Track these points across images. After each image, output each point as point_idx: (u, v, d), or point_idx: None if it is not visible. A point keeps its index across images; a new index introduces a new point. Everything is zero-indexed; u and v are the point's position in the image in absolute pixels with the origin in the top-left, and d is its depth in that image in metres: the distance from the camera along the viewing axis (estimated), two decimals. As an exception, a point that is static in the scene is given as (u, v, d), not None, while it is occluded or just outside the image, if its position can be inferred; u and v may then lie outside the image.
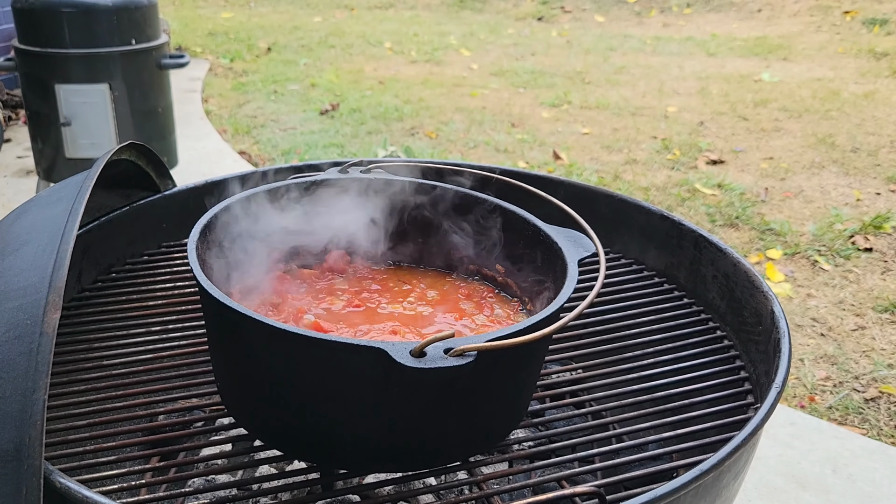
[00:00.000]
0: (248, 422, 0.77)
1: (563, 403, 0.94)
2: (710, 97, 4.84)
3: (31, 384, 0.59)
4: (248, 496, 0.76)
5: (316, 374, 0.67)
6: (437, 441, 0.74)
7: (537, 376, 0.86)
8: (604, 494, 0.73)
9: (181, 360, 0.97)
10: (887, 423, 1.89)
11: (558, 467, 0.91)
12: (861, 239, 2.85)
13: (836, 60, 5.64)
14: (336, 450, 0.73)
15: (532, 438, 0.86)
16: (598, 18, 7.52)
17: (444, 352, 0.60)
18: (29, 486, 0.57)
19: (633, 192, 3.33)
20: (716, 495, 0.74)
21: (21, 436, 0.58)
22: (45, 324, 0.63)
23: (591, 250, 0.84)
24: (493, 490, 0.78)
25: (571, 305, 0.73)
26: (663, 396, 0.92)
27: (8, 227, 0.82)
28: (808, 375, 2.07)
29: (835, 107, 4.51)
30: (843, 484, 1.55)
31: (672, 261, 1.20)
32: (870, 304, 2.43)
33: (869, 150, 3.80)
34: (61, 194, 0.82)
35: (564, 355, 1.04)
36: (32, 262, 0.69)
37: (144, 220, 1.23)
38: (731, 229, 2.99)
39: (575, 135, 4.19)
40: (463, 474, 0.96)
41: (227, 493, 0.89)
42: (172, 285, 1.14)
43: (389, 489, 0.86)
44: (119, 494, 0.73)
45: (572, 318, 0.69)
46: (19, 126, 3.99)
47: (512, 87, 5.19)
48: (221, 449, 1.00)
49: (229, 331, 0.72)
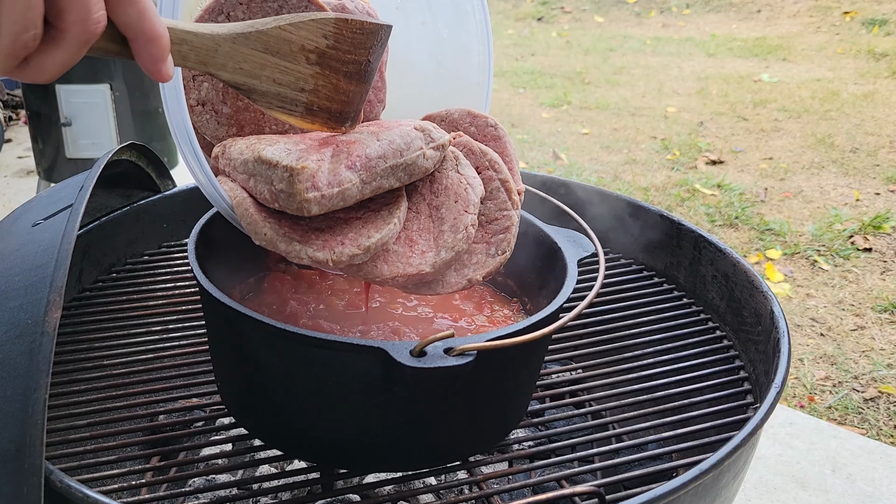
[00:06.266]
0: (249, 421, 0.77)
1: (562, 403, 0.94)
2: (710, 97, 4.85)
3: (31, 383, 0.60)
4: (249, 496, 0.76)
5: (316, 373, 0.68)
6: (437, 441, 0.74)
7: (537, 376, 0.86)
8: (603, 494, 0.73)
9: (181, 359, 0.97)
10: (886, 422, 1.89)
11: (558, 467, 0.91)
12: (860, 239, 2.85)
13: (836, 61, 5.64)
14: (336, 449, 0.73)
15: (532, 438, 0.86)
16: (598, 19, 7.52)
17: (444, 351, 0.60)
18: (29, 485, 0.57)
19: (632, 192, 3.33)
20: (715, 495, 0.74)
21: (22, 435, 0.58)
22: (45, 323, 0.63)
23: (591, 250, 0.84)
24: (492, 490, 0.78)
25: (571, 305, 0.73)
26: (663, 396, 0.92)
27: (8, 227, 0.82)
28: (808, 375, 2.07)
29: (834, 107, 4.52)
30: (843, 484, 1.55)
31: (672, 261, 1.20)
32: (869, 304, 2.44)
33: (868, 151, 3.80)
34: (62, 194, 0.82)
35: (564, 355, 1.04)
36: (33, 261, 0.69)
37: (145, 220, 1.23)
38: (731, 229, 2.99)
39: (574, 135, 4.19)
40: (463, 474, 0.96)
41: (228, 492, 0.89)
42: (173, 285, 1.15)
43: (389, 489, 0.86)
44: (119, 494, 0.73)
45: (572, 318, 0.69)
46: (20, 126, 3.99)
47: (512, 88, 5.19)
48: (222, 448, 1.00)
49: (229, 331, 0.72)
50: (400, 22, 0.87)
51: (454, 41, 0.85)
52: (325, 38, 0.67)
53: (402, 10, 0.87)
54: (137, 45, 0.50)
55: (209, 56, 0.60)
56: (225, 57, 0.62)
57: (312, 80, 0.68)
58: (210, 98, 0.76)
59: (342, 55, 0.69)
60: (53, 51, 0.45)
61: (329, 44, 0.67)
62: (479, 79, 0.84)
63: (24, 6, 0.42)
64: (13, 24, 0.42)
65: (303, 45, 0.66)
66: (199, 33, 0.59)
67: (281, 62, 0.65)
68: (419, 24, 0.87)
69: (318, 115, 0.71)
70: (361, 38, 0.69)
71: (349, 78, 0.71)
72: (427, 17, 0.86)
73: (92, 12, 0.45)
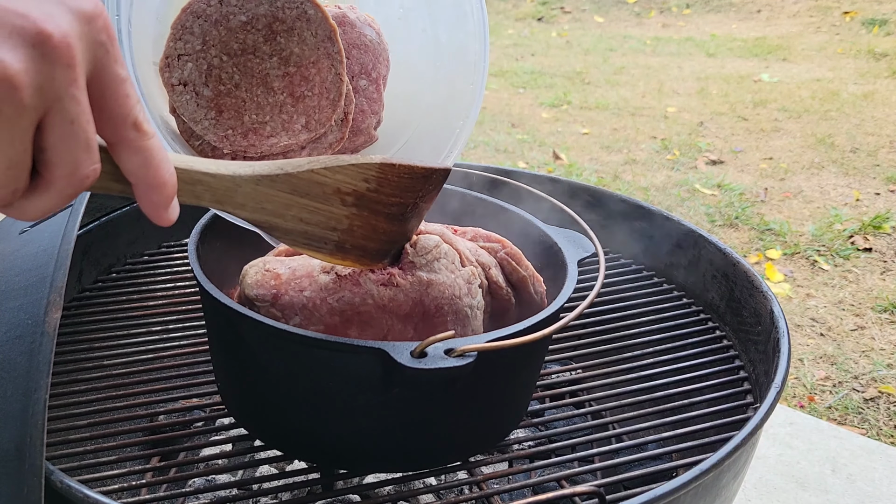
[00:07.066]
0: (249, 422, 0.77)
1: (562, 403, 0.94)
2: (710, 97, 4.85)
3: (32, 384, 0.60)
4: (249, 496, 0.76)
5: (316, 374, 0.68)
6: (437, 441, 0.74)
7: (537, 376, 0.86)
8: (603, 494, 0.73)
9: (181, 359, 0.97)
10: (886, 422, 1.89)
11: (558, 467, 0.91)
12: (860, 239, 2.85)
13: (836, 61, 5.64)
14: (336, 450, 0.73)
15: (532, 438, 0.86)
16: (598, 19, 7.52)
17: (445, 352, 0.60)
18: (30, 485, 0.57)
19: (632, 192, 3.33)
20: (715, 495, 0.74)
21: (22, 435, 0.58)
22: (45, 323, 0.63)
23: (591, 250, 0.84)
24: (493, 490, 0.78)
25: (571, 305, 0.73)
26: (663, 396, 0.92)
27: (8, 228, 0.82)
28: (808, 375, 2.08)
29: (834, 107, 4.52)
30: (843, 484, 1.55)
31: (672, 261, 1.20)
32: (869, 304, 2.44)
33: (868, 151, 3.80)
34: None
35: (564, 355, 1.04)
36: (33, 261, 0.70)
37: (145, 220, 1.21)
38: (731, 229, 3.00)
39: (574, 135, 4.19)
40: (463, 474, 0.96)
41: (228, 493, 0.89)
42: (173, 285, 1.15)
43: (389, 489, 0.86)
44: (120, 494, 0.73)
45: (572, 319, 0.69)
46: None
47: (512, 88, 5.19)
48: (222, 449, 1.00)
49: (230, 331, 0.72)
50: (402, 32, 0.86)
51: (452, 44, 0.85)
52: (365, 182, 0.60)
53: (405, 19, 0.87)
54: (139, 191, 0.45)
55: (226, 196, 0.54)
56: (245, 197, 0.55)
57: (347, 221, 0.61)
58: (192, 79, 0.75)
59: (385, 198, 0.62)
60: (38, 198, 0.41)
61: (370, 187, 0.60)
62: (473, 79, 0.83)
63: (6, 164, 0.38)
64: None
65: (338, 188, 0.59)
66: (218, 174, 0.53)
67: (310, 203, 0.58)
68: (420, 31, 0.86)
69: (350, 252, 0.65)
70: (409, 182, 0.62)
71: (391, 219, 0.64)
72: (427, 23, 0.86)
73: (80, 168, 0.41)
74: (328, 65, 0.75)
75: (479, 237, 0.82)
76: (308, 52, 0.74)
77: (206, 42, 0.72)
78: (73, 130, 0.39)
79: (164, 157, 0.46)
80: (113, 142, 0.44)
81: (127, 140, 0.43)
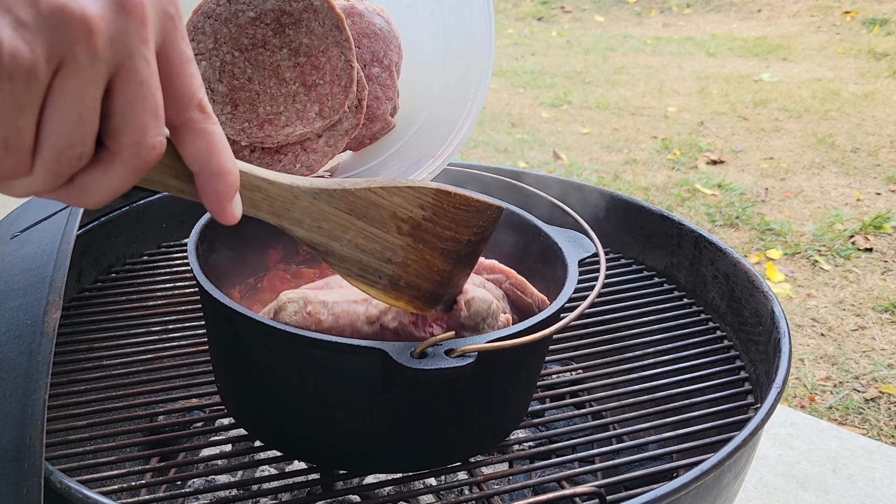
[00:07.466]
0: (248, 422, 0.77)
1: (563, 403, 0.94)
2: (710, 97, 4.84)
3: (31, 384, 0.60)
4: (248, 496, 0.76)
5: (316, 374, 0.67)
6: (438, 441, 0.74)
7: (537, 376, 0.86)
8: (604, 494, 0.73)
9: (181, 360, 0.97)
10: (887, 423, 1.89)
11: (558, 467, 0.91)
12: (861, 239, 2.85)
13: (836, 61, 5.63)
14: (336, 450, 0.73)
15: (532, 439, 0.86)
16: (598, 18, 7.52)
17: (445, 352, 0.60)
18: (29, 486, 0.57)
19: (633, 192, 3.33)
20: (716, 495, 0.74)
21: (22, 436, 0.58)
22: (45, 324, 0.63)
23: (592, 250, 0.84)
24: (493, 490, 0.78)
25: (572, 306, 0.73)
26: (664, 396, 0.92)
27: (8, 228, 0.82)
28: (808, 375, 2.07)
29: (835, 107, 4.51)
30: (843, 484, 1.55)
31: (672, 261, 1.20)
32: (870, 304, 2.43)
33: (869, 151, 3.80)
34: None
35: (564, 355, 1.04)
36: (32, 261, 0.69)
37: (144, 220, 1.23)
38: (731, 229, 2.99)
39: (575, 135, 4.19)
40: (463, 474, 0.96)
41: (228, 493, 0.89)
42: (172, 285, 1.14)
43: (389, 489, 0.86)
44: (119, 495, 0.73)
45: (573, 319, 0.69)
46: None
47: (512, 88, 5.19)
48: (221, 449, 1.00)
49: (229, 331, 0.72)
50: (411, 20, 0.87)
51: (459, 24, 0.86)
52: (421, 209, 0.60)
53: (413, 6, 0.87)
54: (202, 180, 0.44)
55: (284, 209, 0.53)
56: (303, 212, 0.54)
57: (402, 253, 0.61)
58: (207, 77, 0.75)
59: (440, 230, 0.62)
60: (102, 173, 0.39)
61: (426, 215, 0.60)
62: (480, 52, 0.84)
63: (75, 119, 0.36)
64: (59, 137, 0.36)
65: (395, 212, 0.58)
66: (276, 182, 0.52)
67: (367, 227, 0.58)
68: (428, 15, 0.87)
69: (404, 291, 0.64)
70: (465, 215, 0.62)
71: (445, 256, 0.63)
72: (435, 6, 0.86)
73: (148, 135, 0.39)
74: (337, 52, 0.75)
75: (483, 269, 0.82)
76: (317, 41, 0.75)
77: (217, 40, 0.74)
78: (142, 93, 0.38)
79: (227, 144, 0.44)
80: (177, 123, 0.42)
81: (192, 122, 0.42)
